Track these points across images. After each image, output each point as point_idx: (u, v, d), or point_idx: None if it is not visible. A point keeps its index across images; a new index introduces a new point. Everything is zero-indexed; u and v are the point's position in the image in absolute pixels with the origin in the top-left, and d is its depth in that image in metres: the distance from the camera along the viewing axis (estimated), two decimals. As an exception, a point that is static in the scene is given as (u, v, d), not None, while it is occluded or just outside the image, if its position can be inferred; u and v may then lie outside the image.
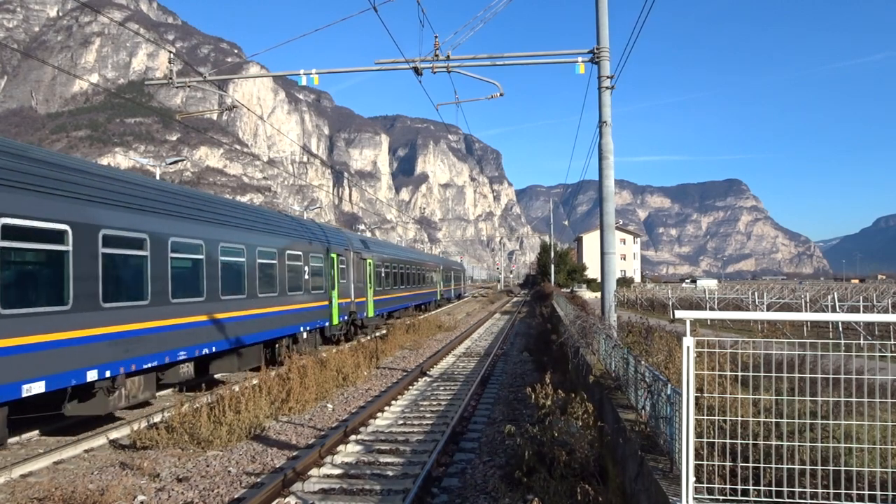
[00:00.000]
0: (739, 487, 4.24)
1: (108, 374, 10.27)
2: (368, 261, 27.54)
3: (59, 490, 7.36)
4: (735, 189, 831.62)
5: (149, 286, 11.50)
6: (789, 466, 4.20)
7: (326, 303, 21.38)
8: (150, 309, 11.52)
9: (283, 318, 17.61)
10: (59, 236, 9.39)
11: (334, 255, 22.54)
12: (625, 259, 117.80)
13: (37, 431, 10.98)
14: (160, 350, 11.80)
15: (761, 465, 4.29)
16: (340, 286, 23.06)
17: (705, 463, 4.32)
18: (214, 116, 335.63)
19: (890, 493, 4.08)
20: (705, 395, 4.71)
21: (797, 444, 4.30)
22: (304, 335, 19.40)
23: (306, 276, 19.53)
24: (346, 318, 23.77)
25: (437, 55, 15.65)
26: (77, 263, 9.65)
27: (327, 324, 21.46)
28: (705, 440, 4.40)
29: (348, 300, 24.09)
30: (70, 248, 9.54)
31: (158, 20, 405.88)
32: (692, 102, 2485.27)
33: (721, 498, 4.23)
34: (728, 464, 4.35)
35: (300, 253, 19.10)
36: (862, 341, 16.98)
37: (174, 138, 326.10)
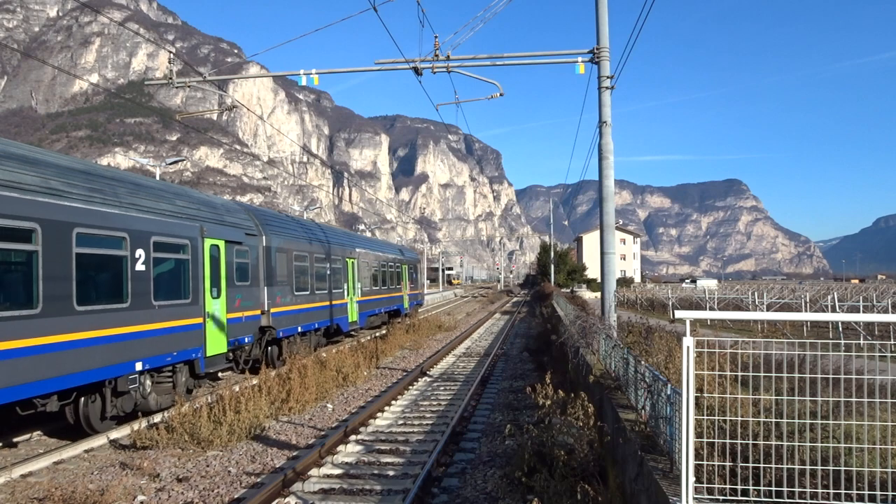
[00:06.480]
0: (739, 487, 4.23)
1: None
2: None
3: (59, 490, 7.35)
4: (735, 189, 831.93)
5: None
6: (789, 466, 4.19)
7: None
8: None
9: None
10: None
11: None
12: (625, 259, 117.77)
13: (38, 431, 10.98)
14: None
15: (761, 465, 4.28)
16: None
17: (705, 463, 4.32)
18: (214, 116, 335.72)
19: (890, 493, 4.08)
20: (705, 395, 4.71)
21: (797, 444, 4.29)
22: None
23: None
24: None
25: (437, 55, 15.63)
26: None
27: None
28: (705, 440, 4.39)
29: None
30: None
31: (158, 20, 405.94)
32: (692, 102, 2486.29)
33: (721, 498, 4.23)
34: (728, 464, 4.35)
35: None
36: (862, 341, 16.98)
37: (174, 138, 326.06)
